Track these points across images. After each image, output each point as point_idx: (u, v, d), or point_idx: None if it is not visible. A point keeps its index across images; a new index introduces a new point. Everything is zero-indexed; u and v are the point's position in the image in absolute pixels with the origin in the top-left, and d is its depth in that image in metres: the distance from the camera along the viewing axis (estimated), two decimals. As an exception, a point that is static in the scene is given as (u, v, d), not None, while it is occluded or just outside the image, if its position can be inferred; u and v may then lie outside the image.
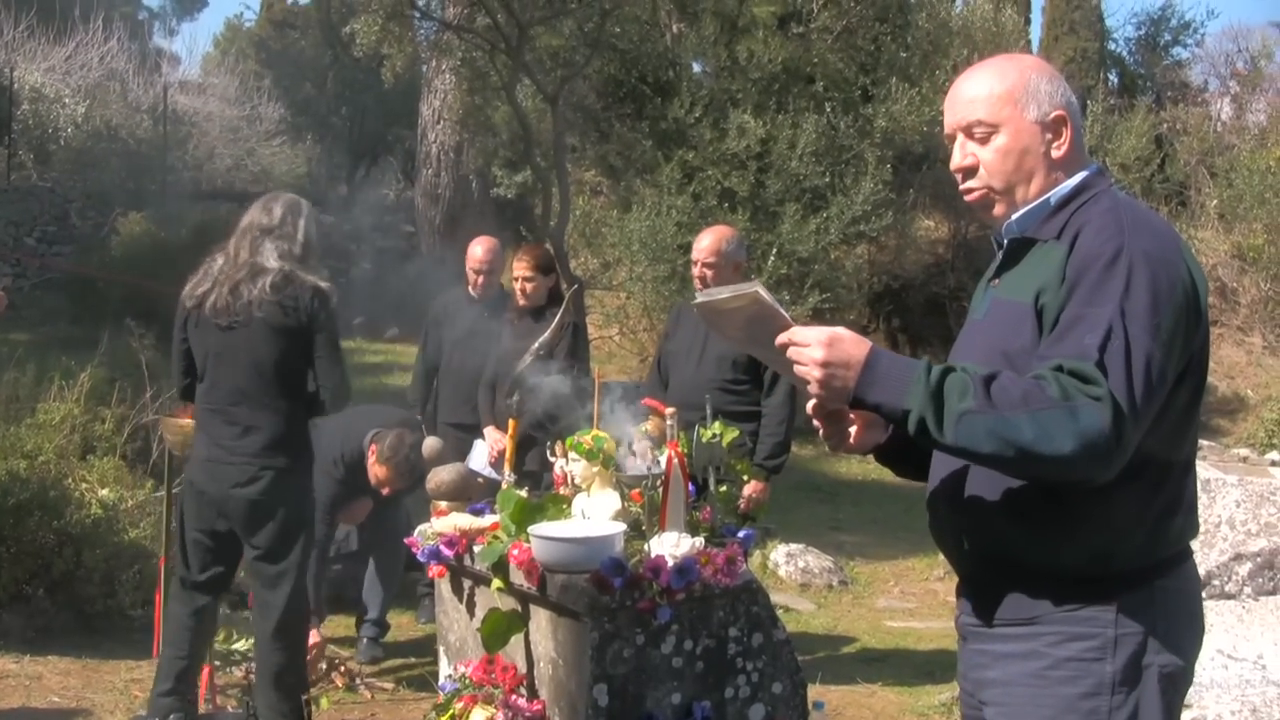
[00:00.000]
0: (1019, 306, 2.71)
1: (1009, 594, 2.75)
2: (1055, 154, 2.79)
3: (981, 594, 2.83)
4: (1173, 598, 2.72)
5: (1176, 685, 2.72)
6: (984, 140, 2.81)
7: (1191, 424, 2.75)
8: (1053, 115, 2.78)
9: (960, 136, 2.85)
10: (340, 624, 7.60)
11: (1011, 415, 2.46)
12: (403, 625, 7.64)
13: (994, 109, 2.78)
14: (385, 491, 6.98)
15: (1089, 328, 2.52)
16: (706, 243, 6.62)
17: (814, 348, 2.63)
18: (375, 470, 6.94)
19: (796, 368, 2.68)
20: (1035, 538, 2.68)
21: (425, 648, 7.02)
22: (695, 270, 6.66)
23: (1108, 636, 2.65)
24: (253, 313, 5.37)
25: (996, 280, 2.87)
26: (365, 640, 7.24)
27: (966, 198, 2.88)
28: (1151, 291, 2.55)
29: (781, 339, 2.71)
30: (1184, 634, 2.74)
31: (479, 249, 7.55)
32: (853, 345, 2.63)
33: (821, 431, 2.92)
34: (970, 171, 2.84)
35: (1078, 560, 2.66)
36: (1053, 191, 2.79)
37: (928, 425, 2.53)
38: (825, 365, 2.62)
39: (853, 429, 2.91)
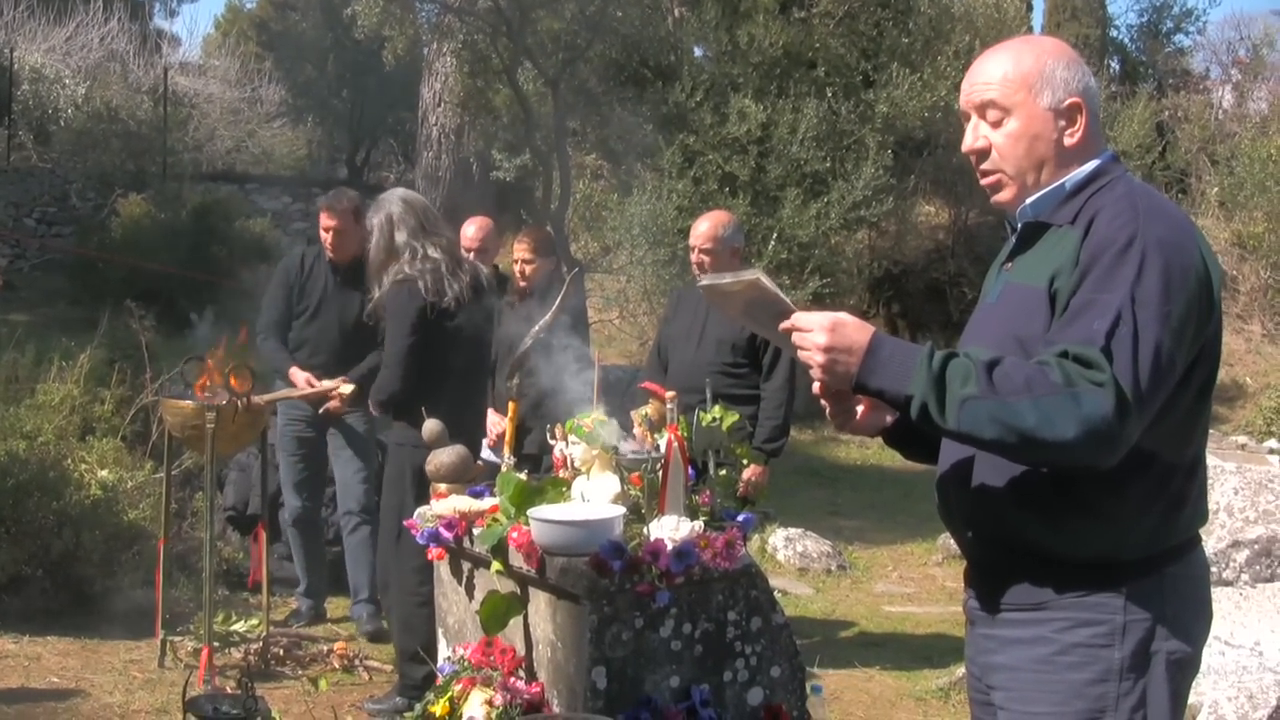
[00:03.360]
0: (1033, 291, 2.70)
1: (1017, 579, 2.75)
2: (1068, 141, 2.77)
3: (990, 579, 2.83)
4: (1182, 584, 2.72)
5: (1184, 672, 2.73)
6: (996, 124, 2.80)
7: (1203, 413, 2.75)
8: (1067, 102, 2.76)
9: (974, 117, 2.84)
10: (340, 605, 7.63)
11: (1014, 401, 2.46)
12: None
13: (1007, 92, 2.77)
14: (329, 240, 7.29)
15: (1098, 313, 2.52)
16: (704, 229, 6.65)
17: (816, 333, 2.63)
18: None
19: (800, 353, 2.68)
20: (1044, 525, 2.68)
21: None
22: (693, 256, 6.69)
23: (1116, 623, 2.65)
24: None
25: (1009, 264, 2.87)
26: (365, 615, 7.30)
27: (981, 180, 2.87)
28: (1164, 279, 2.54)
29: (784, 325, 2.72)
30: (1192, 620, 2.74)
31: (471, 228, 7.53)
32: (855, 331, 2.63)
33: (828, 411, 2.92)
34: (983, 154, 2.83)
35: (1087, 547, 2.66)
36: (1068, 176, 2.77)
37: (930, 411, 2.54)
38: (828, 351, 2.62)
39: (859, 409, 2.92)
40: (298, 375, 7.13)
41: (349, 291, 7.22)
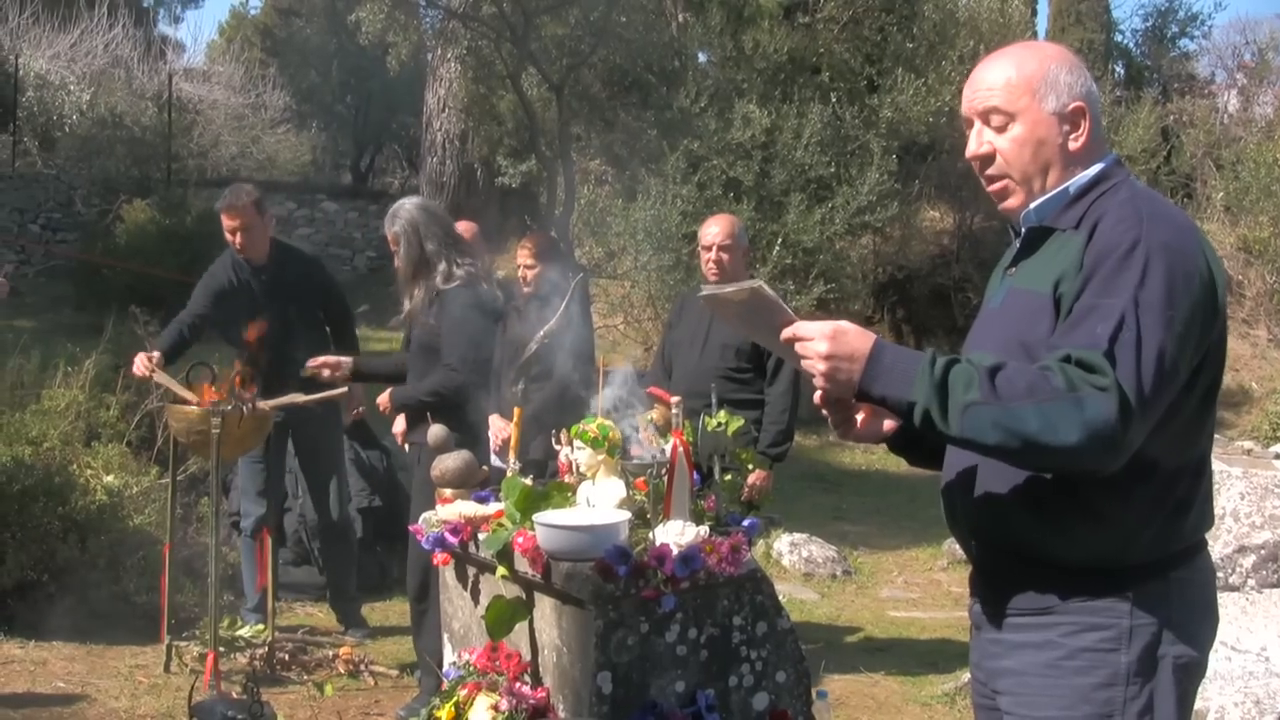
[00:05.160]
0: (1037, 296, 2.70)
1: (1023, 585, 2.75)
2: (1072, 146, 2.76)
3: (996, 584, 2.83)
4: (1188, 589, 2.72)
5: (1191, 676, 2.72)
6: (1000, 129, 2.79)
7: (1207, 417, 2.74)
8: (1071, 107, 2.75)
9: (977, 123, 2.83)
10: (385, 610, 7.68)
11: (1017, 406, 2.46)
12: (405, 612, 7.65)
13: (1011, 98, 2.76)
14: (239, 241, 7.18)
15: (1101, 318, 2.51)
16: (720, 228, 6.65)
17: (818, 341, 2.63)
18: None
19: (802, 362, 2.68)
20: (1051, 530, 2.67)
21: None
22: (711, 255, 6.64)
23: (1123, 627, 2.65)
24: None
25: (1013, 269, 2.86)
26: (340, 618, 7.50)
27: (987, 188, 2.87)
28: (1167, 283, 2.53)
29: (786, 334, 2.71)
30: (1199, 625, 2.74)
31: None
32: (856, 338, 2.63)
33: (829, 419, 2.92)
34: (987, 160, 2.83)
35: (1093, 552, 2.66)
36: (1071, 181, 2.77)
37: (933, 417, 2.53)
38: (829, 358, 2.62)
39: (859, 415, 2.91)
40: (140, 360, 6.73)
41: (277, 288, 7.15)
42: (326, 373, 6.48)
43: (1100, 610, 2.66)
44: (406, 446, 6.32)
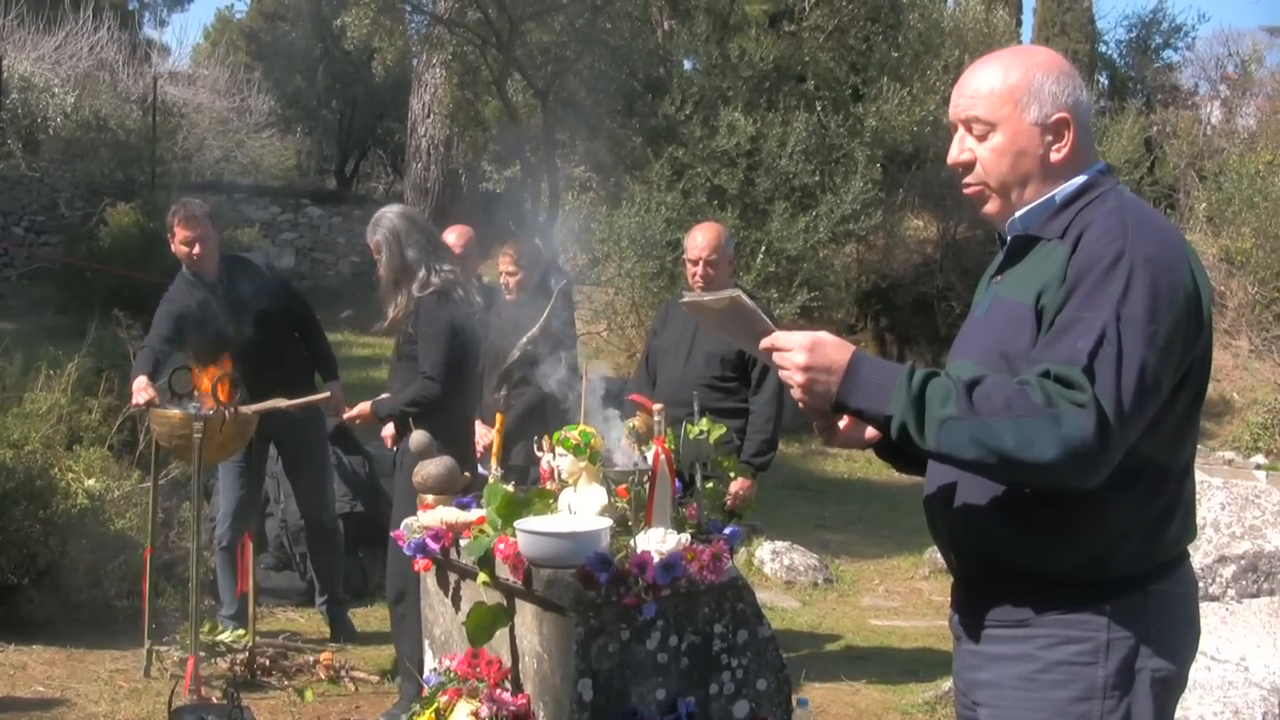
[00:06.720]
0: (1020, 306, 2.69)
1: (1001, 596, 2.75)
2: (1054, 157, 2.75)
3: (975, 595, 2.83)
4: (1167, 602, 2.71)
5: (1169, 689, 2.72)
6: (981, 138, 2.78)
7: (1191, 429, 2.73)
8: (1055, 118, 2.74)
9: (960, 129, 2.83)
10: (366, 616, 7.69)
11: (993, 421, 2.45)
12: (387, 618, 7.64)
13: (993, 107, 2.75)
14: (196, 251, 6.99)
15: (1082, 332, 2.50)
16: (705, 239, 6.60)
17: (796, 352, 2.63)
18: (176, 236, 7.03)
19: (780, 373, 2.68)
20: (1030, 542, 2.67)
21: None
22: (697, 268, 6.60)
23: (1100, 640, 2.64)
24: None
25: (999, 277, 2.86)
26: (331, 622, 7.50)
27: (965, 191, 2.87)
28: (1151, 297, 2.52)
29: (765, 344, 2.71)
30: (1178, 638, 2.73)
31: (452, 235, 7.43)
32: (835, 350, 2.62)
33: (815, 424, 2.92)
34: (967, 168, 2.83)
35: (1073, 565, 2.66)
36: (1057, 190, 2.76)
37: (909, 431, 2.53)
38: (807, 370, 2.62)
39: (843, 421, 2.91)
40: (139, 387, 6.65)
41: (240, 301, 7.05)
42: (359, 420, 6.53)
43: (1077, 623, 2.66)
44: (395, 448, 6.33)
